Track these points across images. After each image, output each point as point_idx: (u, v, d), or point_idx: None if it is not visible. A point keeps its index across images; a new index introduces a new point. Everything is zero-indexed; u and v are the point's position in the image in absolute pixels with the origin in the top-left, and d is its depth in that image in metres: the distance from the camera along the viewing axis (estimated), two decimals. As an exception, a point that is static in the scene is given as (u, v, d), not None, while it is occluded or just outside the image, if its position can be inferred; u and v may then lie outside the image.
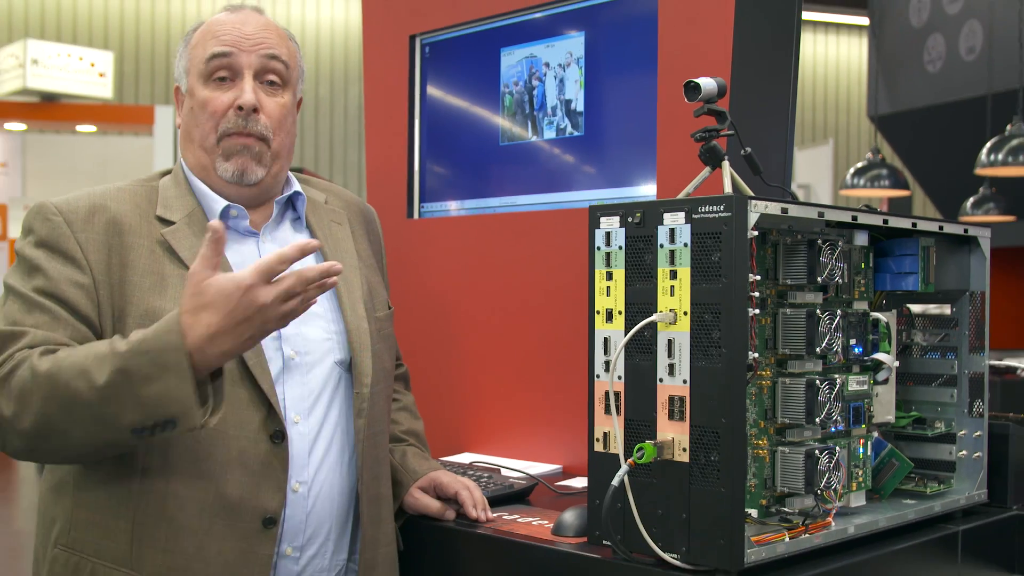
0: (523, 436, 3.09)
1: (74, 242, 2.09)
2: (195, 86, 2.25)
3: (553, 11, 3.05)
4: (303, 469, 2.18)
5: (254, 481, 2.09)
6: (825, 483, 2.05)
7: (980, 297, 2.48)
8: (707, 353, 1.89)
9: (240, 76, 2.24)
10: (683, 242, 1.92)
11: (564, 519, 2.25)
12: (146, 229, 2.16)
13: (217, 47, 2.23)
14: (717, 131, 2.16)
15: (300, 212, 2.36)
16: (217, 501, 2.07)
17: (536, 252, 3.05)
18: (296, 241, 2.25)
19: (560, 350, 2.98)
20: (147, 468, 2.06)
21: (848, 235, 2.25)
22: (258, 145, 2.24)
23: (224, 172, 2.23)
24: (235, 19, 2.27)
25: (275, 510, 2.11)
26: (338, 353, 2.27)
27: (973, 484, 2.46)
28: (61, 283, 2.06)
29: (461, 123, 3.29)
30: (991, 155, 9.60)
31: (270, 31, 2.28)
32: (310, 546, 2.20)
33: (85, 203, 2.15)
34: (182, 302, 1.88)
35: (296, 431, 2.17)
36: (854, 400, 2.17)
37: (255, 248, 2.27)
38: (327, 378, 2.25)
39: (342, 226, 2.43)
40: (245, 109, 2.21)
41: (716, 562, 1.88)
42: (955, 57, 13.44)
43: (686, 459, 1.91)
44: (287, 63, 2.29)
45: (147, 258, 2.13)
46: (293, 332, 2.20)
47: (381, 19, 3.49)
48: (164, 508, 2.05)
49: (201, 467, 2.07)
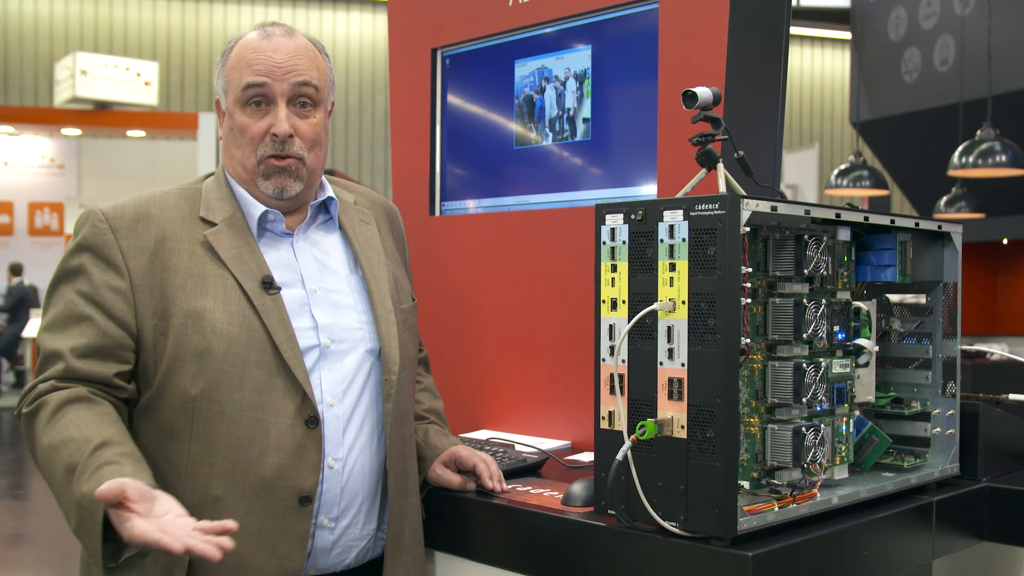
0: (535, 414, 3.09)
1: (116, 249, 2.11)
2: (233, 110, 2.24)
3: (562, 26, 3.05)
4: (338, 447, 2.18)
5: (291, 463, 2.10)
6: (811, 458, 2.05)
7: (953, 288, 2.48)
8: (703, 339, 1.89)
9: (274, 103, 2.22)
10: (681, 237, 1.92)
11: (573, 490, 2.25)
12: (188, 232, 2.16)
13: (251, 77, 2.20)
14: (712, 136, 2.16)
15: (332, 214, 2.36)
16: (257, 482, 2.08)
17: (547, 246, 3.05)
18: (329, 243, 2.32)
19: (569, 336, 2.98)
20: (191, 454, 2.08)
21: (832, 231, 2.24)
22: (295, 164, 2.24)
23: (266, 189, 2.23)
24: (267, 46, 2.22)
25: (310, 489, 2.11)
26: (369, 342, 2.27)
27: (946, 459, 2.46)
28: (101, 288, 2.09)
29: (478, 128, 3.29)
30: (963, 158, 9.59)
31: (299, 56, 2.24)
32: (344, 517, 2.20)
33: (131, 210, 2.16)
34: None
35: (332, 413, 2.18)
36: (837, 382, 2.17)
37: (290, 248, 2.27)
38: (359, 364, 2.25)
39: (369, 225, 2.43)
40: (280, 137, 2.21)
41: (711, 529, 1.88)
42: (930, 68, 13.42)
43: (684, 436, 1.91)
44: (317, 86, 2.26)
45: (188, 261, 2.13)
46: (329, 322, 2.21)
47: (405, 34, 3.49)
48: (208, 490, 2.07)
49: (241, 452, 2.08)
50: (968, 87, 12.34)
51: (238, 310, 2.11)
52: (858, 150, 12.08)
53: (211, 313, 2.09)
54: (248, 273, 2.14)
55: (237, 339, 2.09)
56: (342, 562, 2.24)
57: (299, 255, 2.26)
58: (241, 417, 2.08)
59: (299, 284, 2.22)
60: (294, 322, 2.16)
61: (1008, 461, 2.62)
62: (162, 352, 2.09)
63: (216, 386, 2.07)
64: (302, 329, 2.17)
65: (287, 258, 2.24)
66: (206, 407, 2.07)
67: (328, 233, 2.35)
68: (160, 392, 2.10)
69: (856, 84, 14.43)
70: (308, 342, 2.17)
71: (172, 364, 2.08)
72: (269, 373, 2.10)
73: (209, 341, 2.08)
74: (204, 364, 2.07)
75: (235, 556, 2.04)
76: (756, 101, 2.70)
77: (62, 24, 18.18)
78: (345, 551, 2.23)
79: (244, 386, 2.09)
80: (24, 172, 18.63)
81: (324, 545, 2.19)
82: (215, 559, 1.72)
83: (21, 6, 18.10)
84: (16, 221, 18.74)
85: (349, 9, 19.09)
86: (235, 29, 18.21)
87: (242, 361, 2.09)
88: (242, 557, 2.06)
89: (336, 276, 2.29)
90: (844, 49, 20.84)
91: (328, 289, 2.25)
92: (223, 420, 2.08)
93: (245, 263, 2.16)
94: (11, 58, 18.01)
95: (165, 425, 2.10)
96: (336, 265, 2.31)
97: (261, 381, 2.10)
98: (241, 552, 2.06)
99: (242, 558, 2.07)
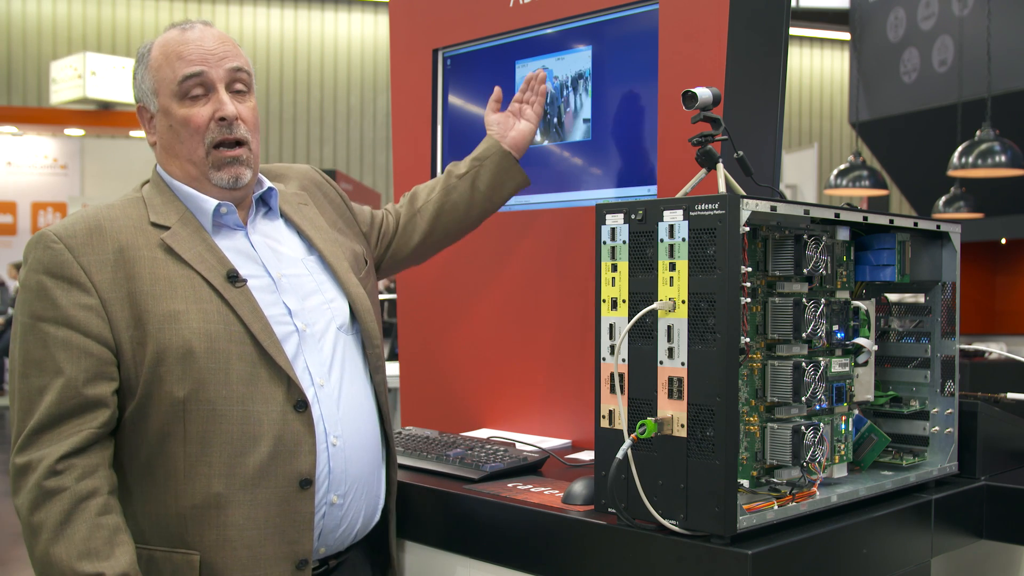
0: (536, 413, 3.10)
1: (77, 267, 2.06)
2: (170, 106, 2.22)
3: (563, 27, 3.05)
4: (337, 424, 2.20)
5: (286, 448, 2.11)
6: (810, 456, 2.05)
7: (951, 287, 2.48)
8: (703, 338, 1.89)
9: (213, 89, 2.21)
10: (681, 237, 1.92)
11: (573, 489, 2.25)
12: (144, 239, 2.14)
13: (187, 68, 2.19)
14: (712, 136, 2.16)
15: (272, 205, 2.37)
16: (257, 471, 2.08)
17: (548, 246, 3.05)
18: (278, 232, 2.34)
19: (569, 335, 2.98)
20: (188, 456, 2.07)
21: (831, 231, 2.24)
22: (245, 154, 2.24)
23: (219, 181, 2.22)
24: (194, 37, 2.22)
25: (308, 471, 2.12)
26: (337, 319, 2.30)
27: (945, 457, 2.46)
28: (70, 309, 2.04)
29: (479, 129, 3.28)
30: (961, 158, 9.59)
31: (226, 43, 2.25)
32: (352, 491, 2.22)
33: (82, 226, 2.11)
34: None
35: (324, 393, 2.20)
36: (837, 381, 2.17)
37: (246, 240, 2.27)
38: (335, 342, 2.27)
39: (308, 206, 2.46)
40: (228, 119, 2.21)
41: (711, 528, 1.88)
42: (929, 69, 13.41)
43: (684, 434, 1.91)
44: (248, 71, 2.28)
45: (151, 266, 2.10)
46: (299, 307, 2.23)
47: (407, 34, 3.49)
48: (210, 488, 2.06)
49: (236, 446, 2.08)
50: (967, 87, 12.33)
51: (212, 307, 2.10)
52: (857, 150, 12.08)
53: (186, 314, 2.08)
54: (212, 269, 2.14)
55: (216, 335, 2.09)
56: (350, 535, 2.26)
57: (256, 246, 2.27)
58: (232, 412, 2.08)
59: (264, 274, 2.23)
60: (268, 311, 2.16)
61: (1006, 459, 2.62)
62: (142, 361, 2.06)
63: (203, 385, 2.06)
64: (277, 316, 2.18)
65: (246, 250, 2.25)
66: (196, 408, 2.06)
67: (272, 222, 2.36)
68: (145, 401, 2.07)
69: (855, 84, 14.43)
70: (286, 329, 2.19)
71: (154, 370, 2.06)
72: (252, 364, 2.10)
73: (189, 342, 2.06)
74: (188, 365, 2.06)
75: (246, 549, 2.06)
76: (756, 101, 2.70)
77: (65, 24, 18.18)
78: (352, 525, 2.25)
79: (230, 381, 2.08)
80: (27, 172, 18.63)
81: (334, 522, 2.20)
82: None
83: (24, 6, 18.11)
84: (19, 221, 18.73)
85: (351, 10, 19.09)
86: (237, 31, 18.21)
87: (224, 356, 2.08)
88: (253, 548, 2.08)
89: (293, 262, 2.31)
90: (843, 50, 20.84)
91: (289, 275, 2.27)
92: (215, 418, 2.07)
93: (207, 260, 2.15)
94: (14, 58, 18.02)
95: (156, 432, 2.08)
96: (289, 251, 2.33)
97: (245, 373, 2.10)
98: (251, 543, 2.07)
99: (253, 549, 2.08)
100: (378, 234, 2.70)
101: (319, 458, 2.15)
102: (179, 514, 2.07)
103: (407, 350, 3.49)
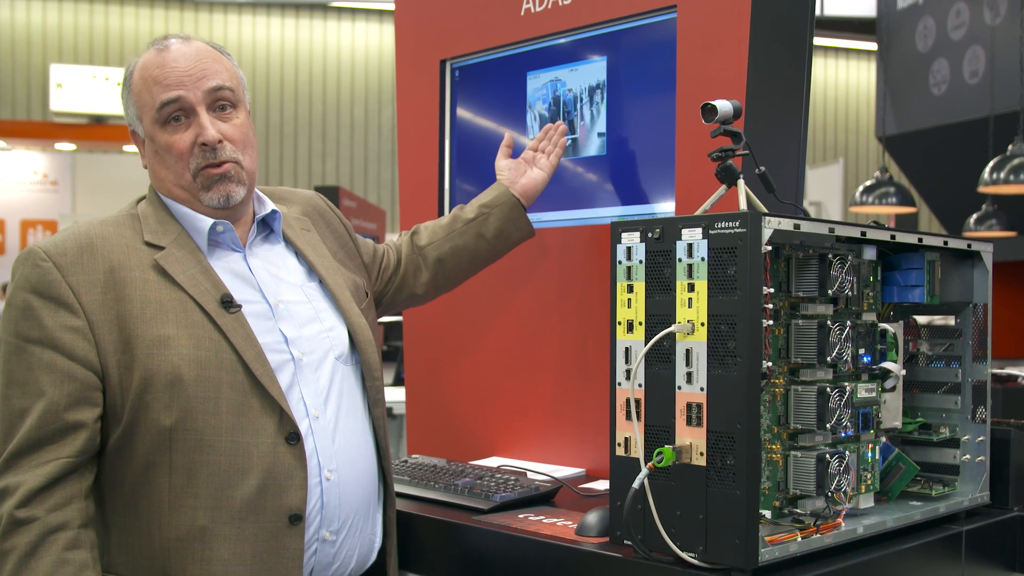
0: (548, 441, 3.10)
1: (66, 287, 2.06)
2: (153, 132, 2.23)
3: (576, 37, 3.06)
4: (332, 457, 2.20)
5: (275, 482, 2.10)
6: (835, 485, 2.05)
7: (983, 309, 2.48)
8: (723, 362, 1.89)
9: (194, 113, 2.21)
10: (700, 256, 1.93)
11: (587, 520, 2.25)
12: (136, 259, 2.14)
13: (164, 94, 2.19)
14: (733, 151, 2.16)
15: (275, 228, 2.38)
16: (244, 506, 2.08)
17: (561, 265, 3.06)
18: (278, 256, 2.34)
19: (583, 359, 2.98)
20: (173, 488, 2.07)
21: (857, 250, 2.25)
22: (233, 169, 2.24)
23: (210, 201, 2.23)
24: (169, 59, 2.22)
25: (298, 506, 2.12)
26: (335, 349, 2.30)
27: (976, 487, 2.45)
28: (56, 330, 2.05)
29: (489, 142, 3.30)
30: (993, 174, 9.57)
31: (204, 59, 2.24)
32: (345, 528, 2.22)
33: (73, 244, 2.11)
34: None
35: (319, 425, 2.20)
36: (863, 407, 2.17)
37: (243, 263, 2.27)
38: (333, 373, 2.27)
39: (311, 232, 2.47)
40: (210, 144, 2.20)
41: (732, 561, 1.88)
42: (959, 81, 13.40)
43: (703, 463, 1.91)
44: (231, 87, 2.26)
45: (142, 288, 2.10)
46: (296, 335, 2.23)
47: (413, 45, 3.50)
48: (195, 521, 2.06)
49: (224, 478, 2.07)
50: (999, 100, 12.31)
51: (203, 333, 2.10)
52: (884, 166, 12.06)
53: (176, 340, 2.07)
54: (206, 293, 2.14)
55: (207, 363, 2.08)
56: (343, 573, 2.26)
57: (254, 269, 2.27)
58: (220, 442, 2.07)
59: (261, 299, 2.22)
60: (263, 338, 2.16)
61: (1042, 490, 2.61)
62: (128, 387, 2.06)
63: (191, 414, 2.06)
64: (272, 344, 2.18)
65: (243, 273, 2.25)
66: (183, 437, 2.06)
67: (273, 246, 2.37)
68: (131, 428, 2.07)
69: (882, 97, 14.42)
70: (282, 357, 2.18)
71: (141, 397, 2.05)
72: (243, 393, 2.10)
73: (178, 368, 2.05)
74: (176, 393, 2.05)
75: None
76: (778, 114, 2.71)
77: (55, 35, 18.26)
78: (346, 563, 2.25)
79: (219, 410, 2.08)
80: (16, 189, 18.67)
81: (325, 560, 2.20)
82: None
83: (13, 16, 18.20)
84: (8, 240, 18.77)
85: (354, 19, 19.15)
86: (235, 41, 18.27)
87: (215, 385, 2.08)
88: None
89: (292, 288, 2.31)
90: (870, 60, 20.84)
91: (287, 301, 2.27)
92: (202, 448, 2.07)
93: (200, 283, 2.15)
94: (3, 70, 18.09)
95: (141, 461, 2.07)
96: (289, 277, 2.33)
97: (236, 402, 2.09)
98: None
99: None
100: (379, 268, 2.71)
101: (311, 493, 2.15)
102: (162, 547, 2.06)
103: (413, 374, 3.49)
